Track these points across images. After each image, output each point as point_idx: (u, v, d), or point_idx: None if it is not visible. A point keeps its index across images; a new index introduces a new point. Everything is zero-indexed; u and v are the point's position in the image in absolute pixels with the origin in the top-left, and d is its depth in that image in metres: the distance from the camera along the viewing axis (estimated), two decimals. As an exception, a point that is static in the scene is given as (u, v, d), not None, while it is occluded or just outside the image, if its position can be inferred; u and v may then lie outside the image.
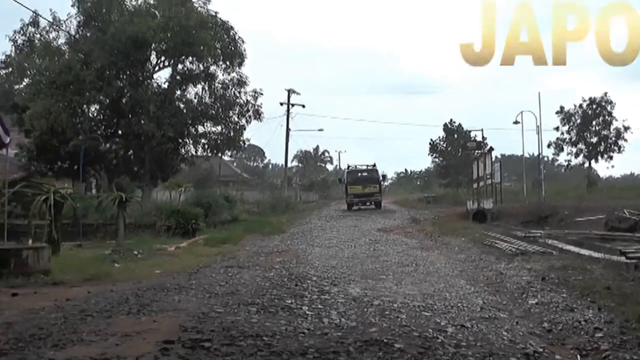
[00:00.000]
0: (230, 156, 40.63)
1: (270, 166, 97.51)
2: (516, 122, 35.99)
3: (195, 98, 23.72)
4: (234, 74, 24.00)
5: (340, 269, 10.92)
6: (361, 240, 17.35)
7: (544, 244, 14.47)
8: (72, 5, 21.52)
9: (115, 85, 20.87)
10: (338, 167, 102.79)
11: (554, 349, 5.55)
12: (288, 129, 48.37)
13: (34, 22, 22.05)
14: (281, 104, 45.08)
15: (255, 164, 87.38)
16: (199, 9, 22.04)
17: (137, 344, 5.04)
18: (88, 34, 21.38)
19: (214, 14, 22.79)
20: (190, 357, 4.68)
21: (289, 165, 71.37)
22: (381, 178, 37.92)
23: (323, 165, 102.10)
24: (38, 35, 22.35)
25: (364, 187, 34.67)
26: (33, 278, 8.70)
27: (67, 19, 21.74)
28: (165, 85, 23.00)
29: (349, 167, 38.65)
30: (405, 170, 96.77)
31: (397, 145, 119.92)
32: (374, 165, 37.25)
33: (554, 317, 6.82)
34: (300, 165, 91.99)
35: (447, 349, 5.15)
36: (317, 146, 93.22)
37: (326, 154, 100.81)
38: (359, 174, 36.24)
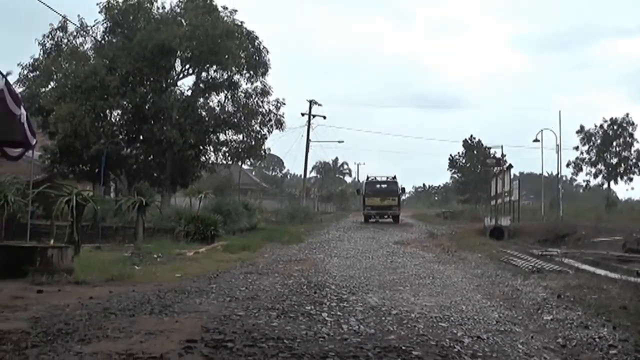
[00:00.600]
0: (251, 165, 40.95)
1: (288, 176, 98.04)
2: (536, 140, 35.75)
3: (217, 106, 24.09)
4: (257, 83, 24.36)
5: (358, 278, 11.03)
6: (379, 252, 17.44)
7: (560, 262, 14.39)
8: (99, 12, 22.09)
9: (139, 92, 21.27)
10: (357, 179, 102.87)
11: (566, 363, 5.61)
12: (308, 140, 48.69)
13: (63, 27, 22.62)
14: (302, 114, 45.44)
15: (274, 174, 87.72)
16: (225, 18, 22.44)
17: (161, 342, 5.21)
18: (114, 40, 21.87)
19: (239, 23, 23.20)
20: (214, 356, 4.82)
21: (308, 175, 71.77)
22: (400, 191, 37.02)
23: (341, 177, 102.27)
24: (65, 40, 22.92)
25: (383, 200, 33.97)
26: (57, 276, 8.93)
27: (94, 25, 22.31)
28: (189, 93, 23.39)
29: (368, 178, 37.51)
30: (424, 184, 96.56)
31: (416, 160, 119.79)
32: (394, 178, 36.47)
33: (569, 333, 6.84)
34: (318, 176, 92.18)
35: (464, 358, 5.25)
36: (336, 158, 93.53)
37: (345, 166, 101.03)
38: (378, 186, 35.52)
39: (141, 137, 22.07)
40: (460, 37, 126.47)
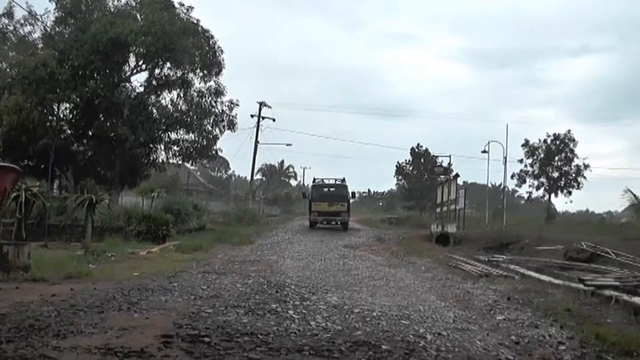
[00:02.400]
0: (203, 165, 40.48)
1: (233, 178, 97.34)
2: (484, 152, 37.17)
3: (170, 104, 23.77)
4: (211, 83, 24.20)
5: (315, 279, 11.21)
6: (330, 255, 17.69)
7: (507, 268, 15.00)
8: (50, 0, 21.39)
9: (91, 86, 20.70)
10: (302, 182, 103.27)
11: (522, 358, 5.99)
12: (257, 142, 48.62)
13: (9, 14, 21.84)
14: (252, 116, 45.21)
15: (219, 175, 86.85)
16: (182, 15, 22.21)
17: (137, 337, 5.23)
18: (65, 31, 21.19)
19: (195, 21, 22.99)
20: (193, 350, 4.89)
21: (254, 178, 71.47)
22: (350, 195, 34.28)
23: (287, 180, 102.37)
24: (12, 28, 22.09)
25: (330, 205, 31.29)
26: (13, 273, 8.70)
27: (44, 14, 21.58)
28: (141, 89, 22.97)
29: (315, 180, 34.44)
30: (369, 190, 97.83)
31: (362, 166, 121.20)
32: (343, 181, 33.73)
33: (521, 331, 7.26)
34: (264, 178, 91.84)
35: (430, 352, 5.53)
36: (282, 160, 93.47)
37: (291, 169, 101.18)
38: (326, 189, 32.73)
39: (90, 133, 21.44)
40: (410, 47, 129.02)
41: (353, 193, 38.09)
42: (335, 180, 33.57)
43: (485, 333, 7.02)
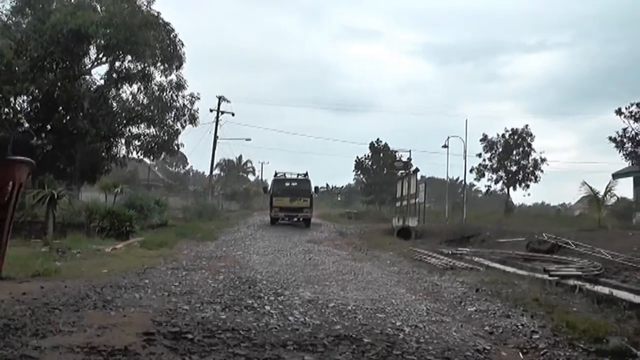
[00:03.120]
0: (163, 160, 39.80)
1: (191, 173, 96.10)
2: (445, 146, 37.82)
3: (131, 98, 23.27)
4: (172, 77, 23.80)
5: (284, 275, 11.24)
6: (294, 250, 17.74)
7: (471, 260, 15.36)
8: (6, -12, 20.62)
9: (50, 78, 20.08)
10: (260, 178, 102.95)
11: (498, 347, 6.17)
12: (216, 137, 48.15)
13: (-39, 3, 20.89)
14: (211, 110, 44.65)
15: (177, 170, 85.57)
16: (143, 7, 21.75)
17: (118, 335, 5.15)
18: (23, 22, 20.47)
19: (156, 14, 22.55)
20: (177, 346, 4.86)
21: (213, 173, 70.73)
22: (313, 191, 32.69)
23: (245, 175, 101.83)
24: (-35, 16, 21.17)
25: (293, 200, 30.08)
26: (-24, 271, 8.36)
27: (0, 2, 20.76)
28: (102, 82, 22.41)
29: (276, 174, 32.83)
30: (327, 185, 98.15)
31: (320, 160, 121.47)
32: (306, 175, 32.42)
33: (493, 322, 7.48)
34: (222, 173, 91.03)
35: (410, 344, 5.65)
36: (240, 155, 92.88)
37: (249, 164, 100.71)
38: (288, 184, 31.46)
39: (49, 127, 20.76)
40: (370, 42, 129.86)
41: (316, 188, 36.65)
42: (298, 175, 32.40)
43: (459, 324, 7.20)
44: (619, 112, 20.03)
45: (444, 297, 9.59)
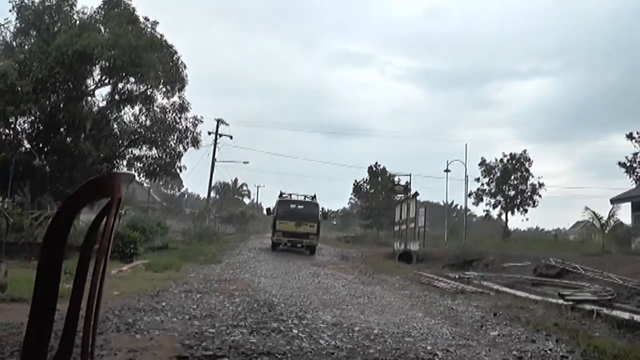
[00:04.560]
0: (166, 182, 39.56)
1: (186, 195, 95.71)
2: (447, 171, 38.05)
3: (133, 119, 23.18)
4: (175, 99, 23.76)
5: (299, 298, 11.06)
6: (301, 273, 17.55)
7: (479, 285, 15.24)
8: (10, 10, 20.59)
9: (53, 99, 19.98)
10: (256, 201, 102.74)
11: (531, 373, 6.06)
12: (214, 159, 48.10)
13: (-34, 23, 20.79)
14: (209, 133, 44.64)
15: (172, 192, 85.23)
16: (147, 29, 21.80)
17: (150, 359, 4.98)
18: (27, 43, 20.42)
19: (159, 36, 22.60)
20: (216, 370, 4.70)
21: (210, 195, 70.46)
22: (321, 215, 29.68)
23: (240, 198, 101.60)
24: (-31, 37, 21.08)
25: (298, 225, 27.06)
26: (-12, 293, 8.17)
27: (4, 24, 20.70)
28: (104, 104, 22.33)
29: (281, 195, 29.54)
30: (323, 209, 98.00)
31: (317, 184, 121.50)
32: (314, 198, 29.38)
33: (520, 346, 7.35)
34: (217, 196, 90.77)
35: (448, 368, 5.50)
36: (236, 178, 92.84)
37: (244, 187, 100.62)
38: (294, 206, 28.55)
39: (51, 148, 20.52)
40: (364, 67, 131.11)
41: (324, 213, 33.56)
42: (305, 197, 29.45)
43: (487, 349, 7.06)
44: (630, 136, 20.23)
45: (462, 321, 9.45)
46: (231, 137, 46.89)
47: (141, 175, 23.66)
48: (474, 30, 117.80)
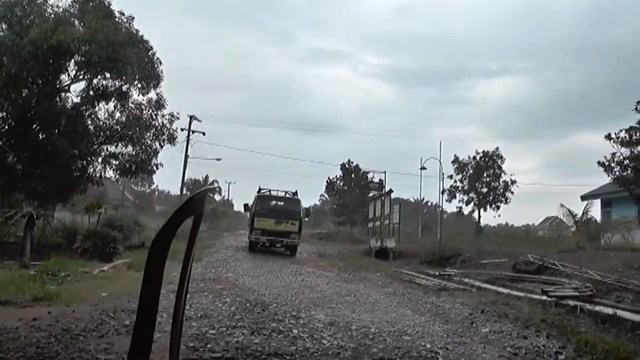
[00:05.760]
0: (140, 179, 38.92)
1: (157, 192, 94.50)
2: (423, 168, 38.35)
3: (108, 116, 22.69)
4: (151, 95, 23.35)
5: (287, 297, 11.05)
6: (282, 272, 17.50)
7: (460, 281, 15.48)
8: (-22, 4, 19.91)
9: (26, 94, 19.44)
10: (227, 198, 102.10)
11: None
12: (187, 156, 47.62)
13: None
14: (182, 129, 43.99)
15: (142, 189, 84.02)
16: (124, 24, 21.38)
17: (160, 362, 4.91)
18: (-3, 37, 19.75)
19: (135, 32, 22.19)
20: (231, 373, 4.67)
21: (178, 193, 69.77)
22: (303, 213, 27.56)
23: (211, 195, 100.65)
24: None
25: (278, 223, 25.14)
26: (-28, 295, 7.93)
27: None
28: (78, 100, 21.80)
29: (260, 190, 27.16)
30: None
31: (288, 181, 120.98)
32: (295, 194, 27.27)
33: (513, 343, 7.51)
34: (188, 193, 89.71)
35: (454, 367, 5.59)
36: (207, 175, 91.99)
37: (215, 184, 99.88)
38: (274, 203, 26.79)
39: (20, 145, 19.89)
40: (338, 64, 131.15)
41: (307, 210, 30.93)
42: (286, 193, 27.56)
43: (481, 346, 7.19)
44: (608, 137, 20.79)
45: (452, 318, 9.59)
46: (204, 134, 46.43)
47: (117, 173, 23.20)
48: (446, 29, 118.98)
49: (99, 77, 21.49)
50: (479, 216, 42.86)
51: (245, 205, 29.35)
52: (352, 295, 12.16)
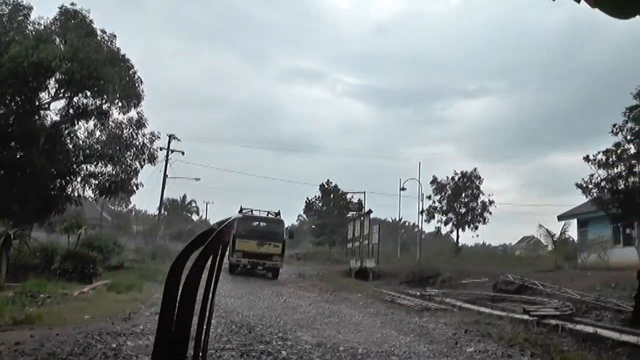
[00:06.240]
0: (119, 198, 38.44)
1: (133, 212, 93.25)
2: (403, 189, 38.73)
3: (88, 135, 22.48)
4: (132, 114, 23.25)
5: (272, 318, 11.03)
6: (264, 293, 17.42)
7: (442, 301, 15.57)
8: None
9: (4, 111, 19.17)
10: (205, 218, 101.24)
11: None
12: (165, 176, 47.28)
13: None
14: (161, 149, 43.77)
15: (120, 209, 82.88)
16: (106, 42, 21.32)
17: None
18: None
19: (116, 50, 22.13)
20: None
21: (155, 212, 69.09)
22: (287, 234, 26.93)
23: (189, 215, 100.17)
24: None
25: (261, 244, 24.22)
26: (-49, 318, 7.75)
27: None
28: (58, 118, 21.57)
29: (242, 210, 26.27)
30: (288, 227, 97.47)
31: (266, 201, 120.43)
32: (278, 214, 26.51)
33: (499, 362, 7.61)
34: (166, 213, 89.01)
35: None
36: (185, 195, 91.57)
37: (193, 204, 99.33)
38: (256, 224, 25.81)
39: (1, 163, 19.58)
40: (315, 84, 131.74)
41: (291, 232, 30.56)
42: (268, 213, 26.52)
43: (469, 365, 7.27)
44: (587, 159, 21.32)
45: (436, 338, 9.66)
46: (183, 153, 46.32)
47: (96, 193, 22.90)
48: (422, 49, 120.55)
49: (80, 95, 21.32)
50: (458, 236, 43.24)
51: None
52: (335, 316, 12.18)
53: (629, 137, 21.00)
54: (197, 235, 2.03)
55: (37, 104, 20.37)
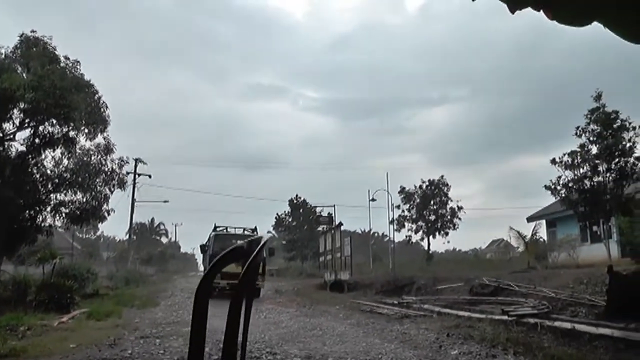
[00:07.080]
0: (88, 226, 37.73)
1: (102, 238, 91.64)
2: (373, 200, 39.20)
3: (56, 163, 22.13)
4: (99, 140, 22.99)
5: (255, 334, 11.05)
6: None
7: (420, 308, 15.86)
8: None
9: (-31, 144, 18.83)
10: (174, 240, 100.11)
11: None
12: (134, 200, 46.86)
13: None
14: (127, 173, 43.28)
15: (87, 236, 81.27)
16: (68, 69, 21.10)
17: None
18: None
19: (81, 76, 21.94)
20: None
21: (124, 237, 67.97)
22: (267, 252, 25.40)
23: (158, 238, 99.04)
24: None
25: (240, 264, 23.21)
26: None
27: None
28: (24, 148, 21.20)
29: (216, 228, 24.94)
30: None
31: (237, 219, 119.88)
32: (255, 230, 25.08)
33: (485, 363, 7.90)
34: (134, 237, 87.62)
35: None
36: (153, 218, 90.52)
37: (161, 227, 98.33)
38: (234, 242, 20.53)
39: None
40: (276, 100, 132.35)
41: (271, 250, 29.22)
42: (244, 230, 25.01)
43: (456, 368, 7.54)
44: (553, 161, 22.09)
45: (419, 343, 9.92)
46: (150, 176, 46.02)
47: (67, 222, 22.51)
48: (383, 60, 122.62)
49: (46, 123, 21.02)
50: (429, 243, 43.81)
51: (202, 247, 27.20)
52: (317, 329, 12.32)
53: (591, 139, 21.89)
54: (220, 255, 2.06)
55: (1, 135, 20.03)
